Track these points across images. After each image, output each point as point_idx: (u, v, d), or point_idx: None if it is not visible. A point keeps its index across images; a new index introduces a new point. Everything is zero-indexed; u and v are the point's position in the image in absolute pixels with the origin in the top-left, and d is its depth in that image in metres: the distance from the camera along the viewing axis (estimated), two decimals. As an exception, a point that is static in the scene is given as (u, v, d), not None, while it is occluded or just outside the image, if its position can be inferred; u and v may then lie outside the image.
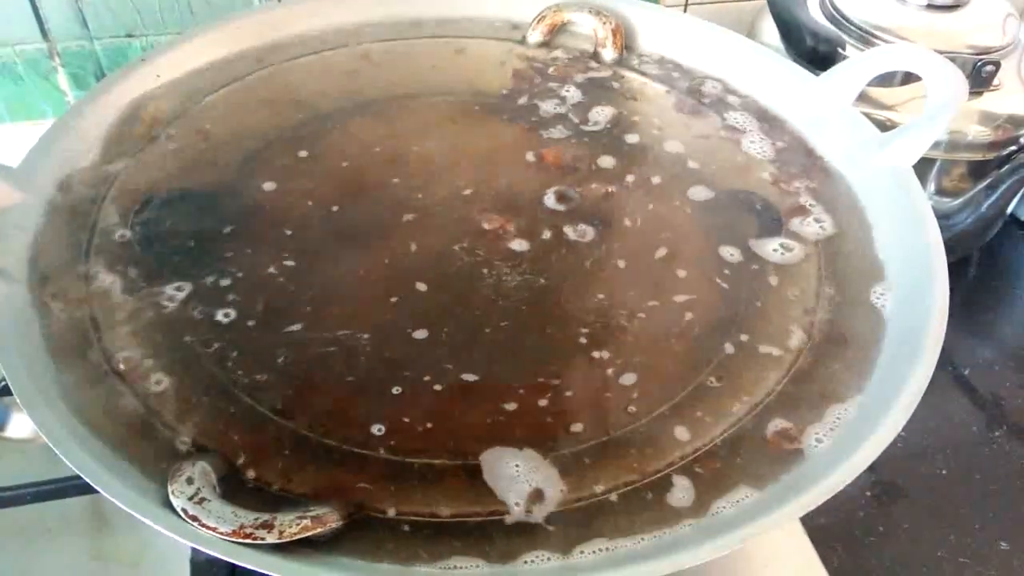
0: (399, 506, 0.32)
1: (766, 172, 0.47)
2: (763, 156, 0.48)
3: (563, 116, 0.50)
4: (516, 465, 0.34)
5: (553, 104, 0.51)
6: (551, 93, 0.52)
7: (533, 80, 0.53)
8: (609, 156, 0.48)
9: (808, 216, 0.45)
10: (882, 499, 0.52)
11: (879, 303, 0.40)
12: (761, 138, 0.49)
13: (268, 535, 0.29)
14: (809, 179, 0.47)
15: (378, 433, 0.35)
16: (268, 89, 0.50)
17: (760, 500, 0.32)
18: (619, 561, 0.31)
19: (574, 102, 0.51)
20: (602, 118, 0.50)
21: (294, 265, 0.41)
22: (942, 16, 0.60)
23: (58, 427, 0.32)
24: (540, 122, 0.50)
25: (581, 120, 0.50)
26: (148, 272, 0.40)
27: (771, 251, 0.43)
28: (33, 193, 0.41)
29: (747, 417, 0.36)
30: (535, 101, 0.51)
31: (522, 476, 0.33)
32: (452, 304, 0.40)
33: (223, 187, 0.45)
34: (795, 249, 0.43)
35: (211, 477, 0.32)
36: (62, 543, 0.46)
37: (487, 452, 0.34)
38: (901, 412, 0.33)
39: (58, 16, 0.60)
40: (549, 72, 0.53)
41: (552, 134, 0.49)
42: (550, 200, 0.45)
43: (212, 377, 0.36)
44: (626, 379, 0.37)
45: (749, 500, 0.32)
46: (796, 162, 0.48)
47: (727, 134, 0.50)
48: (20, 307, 0.37)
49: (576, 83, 0.52)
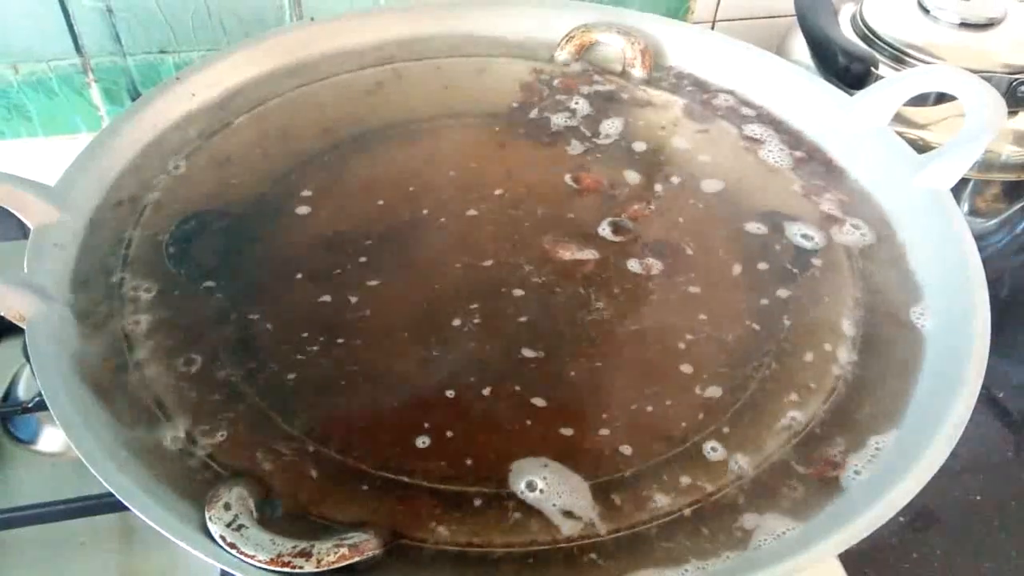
0: (439, 534, 0.32)
1: (800, 192, 0.47)
2: (795, 176, 0.48)
3: (598, 140, 0.50)
4: (560, 493, 0.34)
5: (586, 125, 0.51)
6: (587, 119, 0.52)
7: (554, 95, 0.53)
8: (646, 176, 0.48)
9: (845, 234, 0.45)
10: (915, 524, 0.52)
11: (919, 323, 0.40)
12: (793, 158, 0.49)
13: (306, 564, 0.29)
14: (845, 200, 0.46)
15: (418, 460, 0.35)
16: (300, 109, 0.51)
17: (802, 533, 0.32)
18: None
19: (612, 130, 0.51)
20: (631, 138, 0.50)
21: (334, 289, 0.41)
22: (976, 34, 0.60)
23: (96, 449, 0.32)
24: (571, 138, 0.50)
25: (622, 143, 0.50)
26: (182, 291, 0.40)
27: (808, 273, 0.43)
28: (70, 211, 0.41)
29: (786, 446, 0.36)
30: (555, 116, 0.51)
31: (567, 503, 0.33)
32: (494, 331, 0.40)
33: (257, 207, 0.45)
34: (833, 269, 0.43)
35: (248, 503, 0.32)
36: (92, 558, 0.46)
37: (532, 478, 0.34)
38: (944, 442, 0.33)
39: (92, 32, 0.61)
40: (580, 88, 0.53)
41: (591, 157, 0.49)
42: (605, 231, 0.45)
43: (246, 400, 0.36)
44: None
45: (791, 533, 0.32)
46: (831, 184, 0.48)
47: (756, 154, 0.50)
48: (58, 325, 0.37)
49: (604, 102, 0.53)
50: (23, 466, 0.50)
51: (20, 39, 0.60)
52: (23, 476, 0.50)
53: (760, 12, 0.71)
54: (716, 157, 0.50)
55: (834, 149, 0.49)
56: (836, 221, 0.45)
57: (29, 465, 0.50)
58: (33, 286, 0.37)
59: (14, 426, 0.51)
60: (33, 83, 0.62)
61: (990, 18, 0.60)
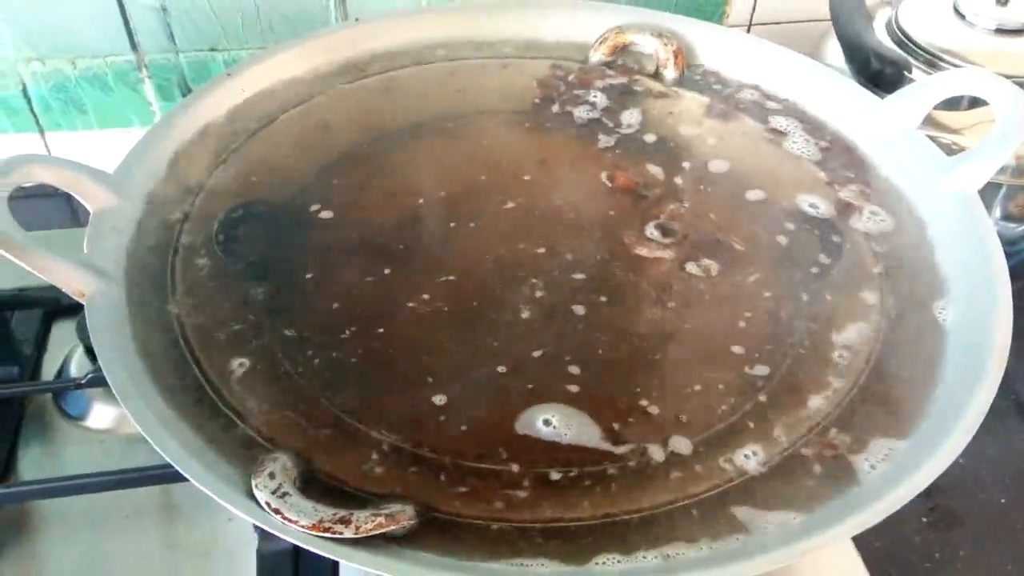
0: (468, 508, 0.34)
1: (829, 188, 0.48)
2: (825, 173, 0.49)
3: (628, 134, 0.52)
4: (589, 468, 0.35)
5: (608, 117, 0.52)
6: (608, 112, 0.53)
7: (572, 90, 0.54)
8: (678, 174, 0.49)
9: (873, 229, 0.46)
10: (939, 525, 0.52)
11: (941, 317, 0.41)
12: (824, 156, 0.50)
13: (345, 530, 0.31)
14: (874, 201, 0.47)
15: (453, 434, 0.36)
16: (343, 106, 0.53)
17: (811, 520, 0.33)
18: (677, 568, 0.32)
19: (633, 120, 0.53)
20: (657, 133, 0.52)
21: (377, 272, 0.43)
22: (1011, 40, 0.60)
23: (150, 418, 0.34)
24: (599, 132, 0.51)
25: (648, 139, 0.51)
26: (229, 275, 0.42)
27: (840, 268, 0.44)
28: (127, 197, 0.44)
29: (806, 435, 0.37)
30: (576, 110, 0.53)
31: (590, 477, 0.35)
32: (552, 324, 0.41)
33: (301, 198, 0.47)
34: (861, 262, 0.44)
35: (291, 472, 0.33)
36: (137, 530, 0.48)
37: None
38: (963, 434, 0.34)
39: (147, 30, 0.63)
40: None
41: (621, 151, 0.50)
42: (653, 233, 0.46)
43: (292, 378, 0.38)
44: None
45: (797, 521, 0.33)
46: (861, 181, 0.49)
47: (785, 150, 0.51)
48: (115, 304, 0.39)
49: (621, 95, 0.54)
50: (74, 442, 0.52)
51: (78, 36, 0.62)
52: (73, 451, 0.52)
53: (795, 16, 0.71)
54: (745, 154, 0.51)
55: (865, 149, 0.50)
56: (865, 217, 0.47)
57: (79, 441, 0.52)
58: (92, 266, 0.39)
59: (66, 403, 0.54)
60: (90, 78, 0.65)
61: (1025, 24, 0.60)
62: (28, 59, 0.63)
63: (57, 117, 0.66)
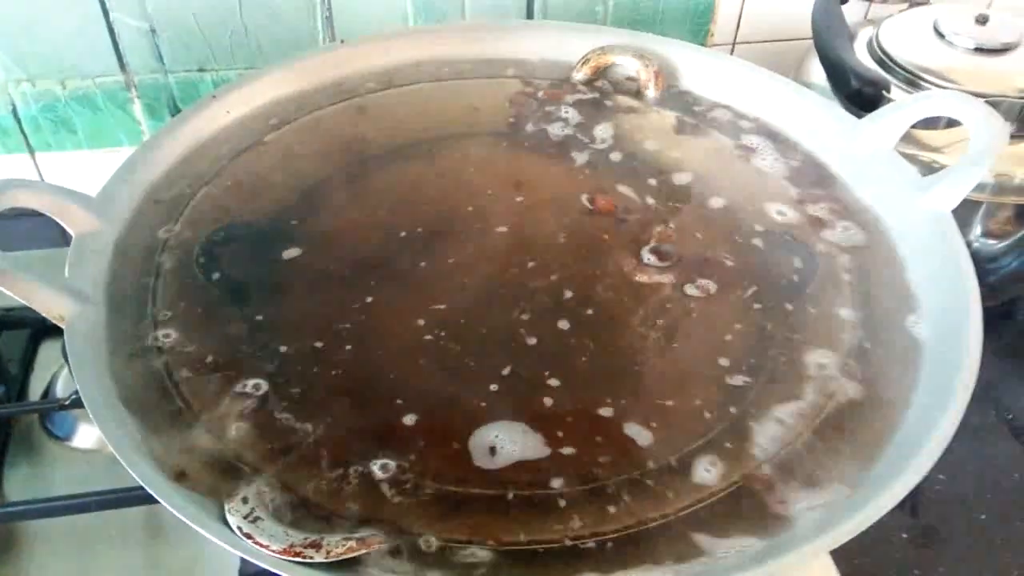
0: (442, 532, 0.34)
1: (804, 206, 0.49)
2: (800, 190, 0.50)
3: (605, 153, 0.52)
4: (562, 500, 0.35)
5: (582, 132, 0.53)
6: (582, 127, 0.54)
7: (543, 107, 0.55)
8: (661, 195, 0.50)
9: (846, 247, 0.46)
10: (919, 542, 0.52)
11: (914, 331, 0.42)
12: (800, 176, 0.51)
13: (316, 554, 0.31)
14: (846, 215, 0.48)
15: (427, 457, 0.37)
16: (327, 127, 0.53)
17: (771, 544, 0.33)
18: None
19: (606, 134, 0.53)
20: (634, 152, 0.52)
21: (358, 296, 0.43)
22: (991, 59, 0.61)
23: (126, 442, 0.35)
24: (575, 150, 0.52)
25: (625, 158, 0.52)
26: (210, 298, 0.43)
27: (812, 284, 0.45)
28: (109, 221, 0.44)
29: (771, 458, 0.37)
30: (550, 127, 0.53)
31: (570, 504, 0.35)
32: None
33: (284, 219, 0.47)
34: (834, 279, 0.45)
35: (265, 497, 0.34)
36: (119, 551, 0.48)
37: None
38: (927, 458, 0.34)
39: (136, 51, 0.64)
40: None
41: (603, 172, 0.51)
42: (650, 259, 0.46)
43: (268, 401, 0.39)
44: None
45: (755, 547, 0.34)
46: (835, 200, 0.49)
47: (761, 171, 0.51)
48: (94, 326, 0.39)
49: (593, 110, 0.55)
50: (59, 461, 0.53)
51: (68, 56, 0.63)
52: (59, 471, 0.52)
53: (779, 35, 0.72)
54: (722, 172, 0.51)
55: (841, 169, 0.51)
56: (837, 234, 0.47)
57: (65, 461, 0.53)
58: (73, 289, 0.40)
59: (52, 423, 0.54)
60: (79, 98, 0.65)
61: (1005, 43, 0.61)
62: (18, 80, 0.63)
63: (47, 137, 0.67)
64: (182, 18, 0.63)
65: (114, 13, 0.62)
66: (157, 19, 0.63)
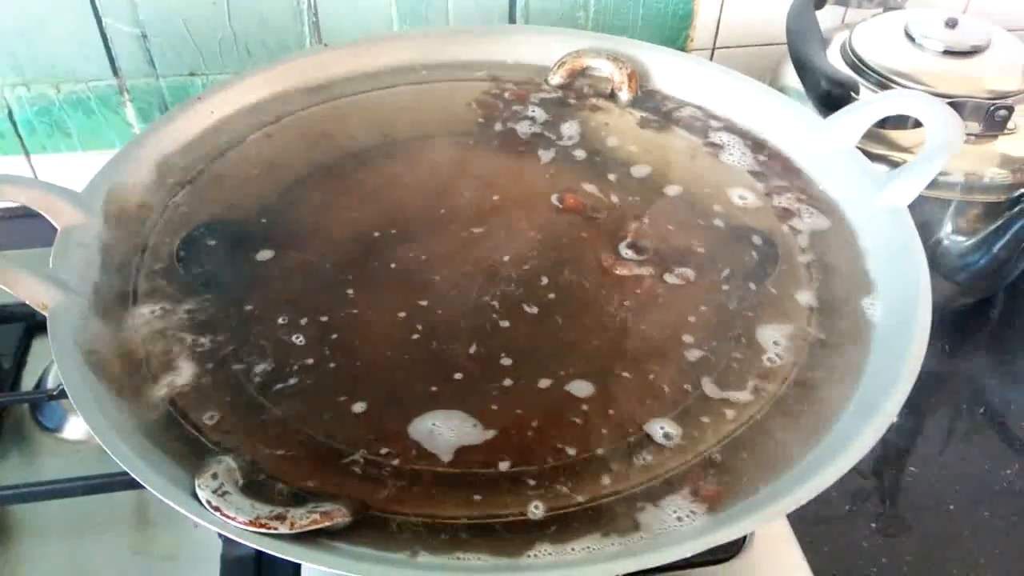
0: (404, 507, 0.36)
1: (770, 199, 0.51)
2: (766, 186, 0.52)
3: (574, 151, 0.54)
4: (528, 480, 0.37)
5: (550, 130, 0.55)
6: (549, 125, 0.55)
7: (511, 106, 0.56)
8: (634, 190, 0.52)
9: (809, 236, 0.48)
10: (887, 531, 0.53)
11: (869, 313, 0.44)
12: (767, 172, 0.52)
13: (281, 526, 0.33)
14: (814, 211, 0.50)
15: (388, 437, 0.38)
16: (308, 128, 0.55)
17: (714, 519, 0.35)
18: (604, 558, 0.34)
19: (572, 132, 0.55)
20: (610, 152, 0.54)
21: (335, 288, 0.45)
22: (960, 62, 0.62)
23: (102, 421, 0.36)
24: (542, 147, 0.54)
25: (598, 158, 0.54)
26: (189, 290, 0.44)
27: (774, 277, 0.47)
28: (94, 215, 0.46)
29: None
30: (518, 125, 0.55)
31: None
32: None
33: (264, 216, 0.49)
34: (795, 264, 0.47)
35: (234, 473, 0.35)
36: (108, 536, 0.50)
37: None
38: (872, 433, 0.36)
39: (128, 55, 0.66)
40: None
41: (575, 170, 0.53)
42: (629, 254, 0.48)
43: (241, 386, 0.40)
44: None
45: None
46: (799, 194, 0.51)
47: (732, 168, 0.53)
48: (76, 315, 0.41)
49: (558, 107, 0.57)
50: (49, 452, 0.54)
51: (62, 61, 0.65)
52: (50, 461, 0.54)
53: (757, 40, 0.74)
54: (692, 167, 0.53)
55: (806, 164, 0.53)
56: (803, 223, 0.49)
57: (55, 452, 0.54)
58: (57, 280, 0.41)
59: (42, 414, 0.56)
60: (73, 102, 0.67)
61: (974, 46, 0.62)
62: (13, 84, 0.65)
63: (42, 140, 0.69)
64: (173, 24, 0.65)
65: (107, 19, 0.64)
66: (149, 25, 0.65)
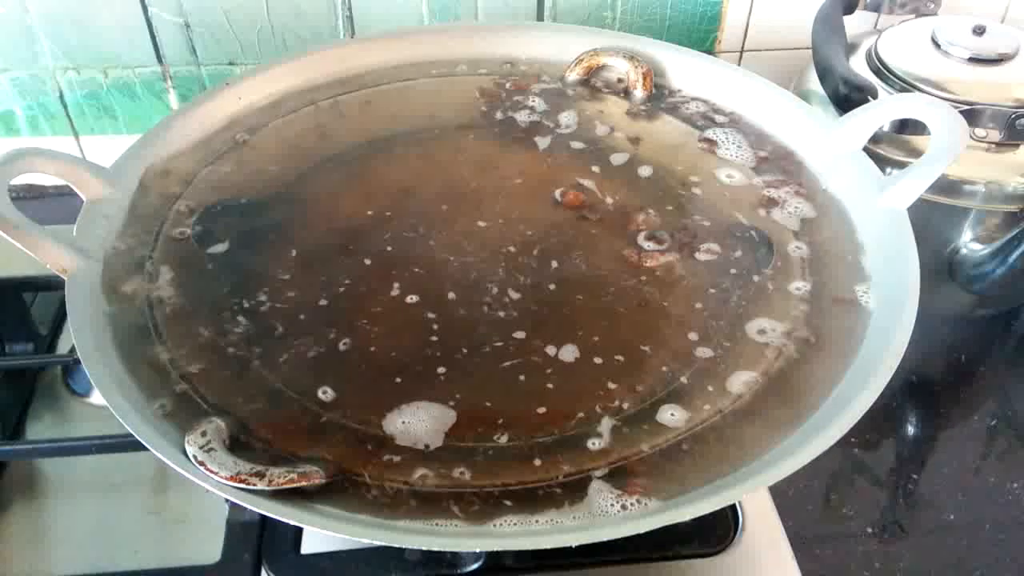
0: (386, 474, 0.38)
1: (770, 203, 0.51)
2: (773, 192, 0.52)
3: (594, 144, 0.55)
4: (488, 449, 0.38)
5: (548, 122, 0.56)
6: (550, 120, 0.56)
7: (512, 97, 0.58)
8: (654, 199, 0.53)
9: (814, 231, 0.49)
10: (883, 537, 0.53)
11: (861, 300, 0.45)
12: (775, 170, 0.53)
13: (259, 482, 0.35)
14: (817, 207, 0.50)
15: (377, 408, 0.40)
16: (328, 117, 0.57)
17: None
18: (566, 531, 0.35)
19: (568, 124, 0.56)
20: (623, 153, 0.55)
21: (346, 267, 0.47)
22: (986, 69, 0.61)
23: (107, 378, 0.39)
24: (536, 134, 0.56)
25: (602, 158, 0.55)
26: (202, 262, 0.47)
27: (772, 273, 0.47)
28: (120, 190, 0.49)
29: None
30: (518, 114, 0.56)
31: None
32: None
33: (279, 199, 0.51)
34: (796, 274, 0.47)
35: (223, 433, 0.38)
36: (125, 498, 0.53)
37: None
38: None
39: (171, 44, 0.69)
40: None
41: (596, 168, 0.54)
42: (649, 246, 0.49)
43: (240, 356, 0.43)
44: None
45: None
46: (804, 192, 0.51)
47: (740, 167, 0.53)
48: (92, 281, 0.44)
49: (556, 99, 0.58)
50: (79, 417, 0.57)
51: (110, 48, 0.69)
52: (77, 424, 0.56)
53: (785, 44, 0.74)
54: (699, 161, 0.54)
55: (812, 163, 0.53)
56: (800, 223, 0.50)
57: (83, 415, 0.57)
58: (77, 246, 0.44)
59: (73, 380, 0.59)
60: (120, 87, 0.71)
61: (1001, 53, 0.61)
62: (65, 69, 0.69)
63: (90, 122, 0.73)
64: (215, 15, 0.68)
65: (152, 8, 0.67)
66: (191, 15, 0.68)
